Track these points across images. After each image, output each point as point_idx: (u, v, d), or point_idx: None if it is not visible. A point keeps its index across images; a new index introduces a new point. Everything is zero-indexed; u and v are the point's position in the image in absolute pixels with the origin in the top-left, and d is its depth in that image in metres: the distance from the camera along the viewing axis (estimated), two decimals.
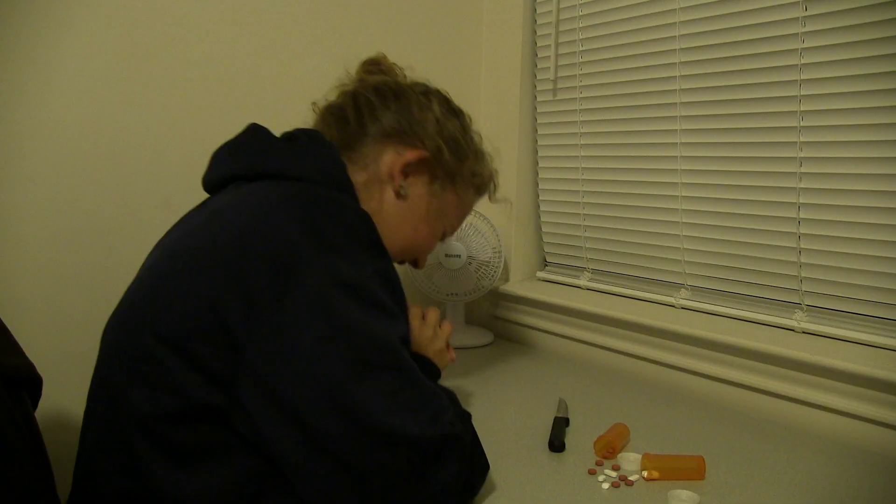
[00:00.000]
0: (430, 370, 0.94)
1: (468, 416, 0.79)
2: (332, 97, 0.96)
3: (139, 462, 0.70)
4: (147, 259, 0.82)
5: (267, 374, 0.66)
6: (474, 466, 0.76)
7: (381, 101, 0.91)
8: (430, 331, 1.01)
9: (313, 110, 0.97)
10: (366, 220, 0.75)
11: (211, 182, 0.86)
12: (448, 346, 1.04)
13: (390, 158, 0.89)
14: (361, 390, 0.67)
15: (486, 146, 1.01)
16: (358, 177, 0.89)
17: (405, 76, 0.98)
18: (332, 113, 0.93)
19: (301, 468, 0.67)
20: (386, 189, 0.90)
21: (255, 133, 0.87)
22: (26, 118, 1.09)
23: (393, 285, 0.75)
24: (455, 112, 0.97)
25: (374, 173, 0.90)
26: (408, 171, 0.90)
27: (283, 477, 0.69)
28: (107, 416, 0.74)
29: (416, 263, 1.02)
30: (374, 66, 0.98)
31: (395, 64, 0.98)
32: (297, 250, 0.68)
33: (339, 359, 0.67)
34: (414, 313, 1.03)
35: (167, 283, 0.73)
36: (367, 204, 0.88)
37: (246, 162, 0.82)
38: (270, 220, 0.70)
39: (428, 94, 0.94)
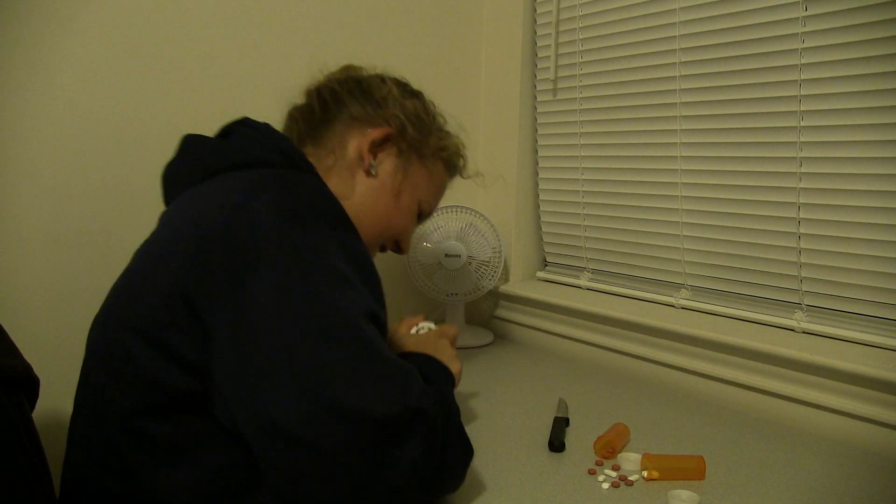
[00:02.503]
0: (440, 373, 0.89)
1: (442, 395, 0.74)
2: (300, 100, 0.98)
3: (122, 460, 0.70)
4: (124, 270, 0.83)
5: (233, 353, 0.66)
6: (447, 447, 0.71)
7: (345, 90, 0.94)
8: (439, 342, 0.99)
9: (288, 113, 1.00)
10: (327, 195, 0.76)
11: (171, 201, 0.86)
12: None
13: (356, 140, 0.92)
14: (317, 360, 0.64)
15: (451, 126, 1.03)
16: (324, 162, 0.91)
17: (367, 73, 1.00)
18: (299, 110, 0.97)
19: (261, 448, 0.65)
20: (356, 171, 0.92)
21: (192, 142, 0.87)
22: (27, 118, 1.09)
23: (358, 258, 0.74)
24: (413, 93, 1.00)
25: (341, 157, 0.92)
26: (375, 149, 0.93)
27: None
28: (90, 416, 0.75)
29: (398, 247, 1.02)
30: (342, 71, 1.00)
31: (362, 67, 1.01)
32: (257, 228, 0.68)
33: (298, 330, 0.65)
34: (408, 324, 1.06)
35: (138, 278, 0.75)
36: (336, 188, 0.88)
37: (196, 168, 0.82)
38: (229, 203, 0.71)
39: (384, 78, 0.97)
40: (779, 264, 1.14)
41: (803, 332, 1.12)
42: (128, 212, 1.17)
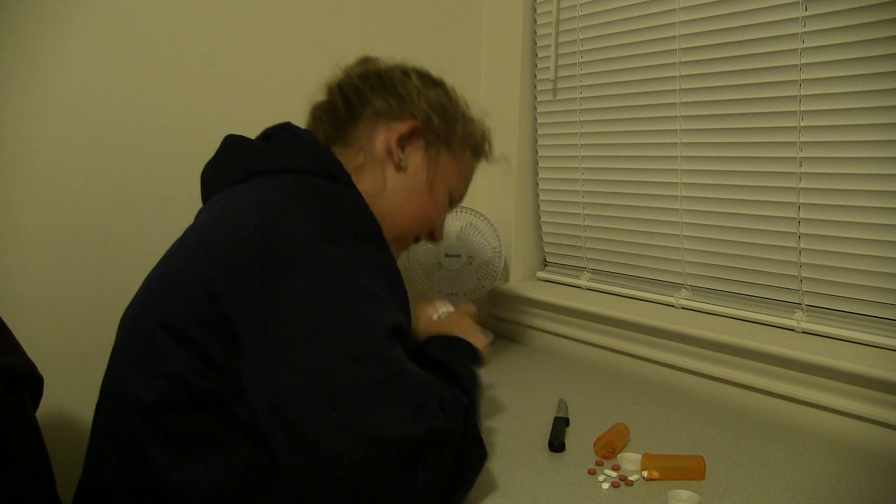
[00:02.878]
0: (466, 353, 0.92)
1: (458, 401, 0.74)
2: (320, 96, 0.98)
3: (144, 453, 0.71)
4: (158, 263, 0.85)
5: (262, 361, 0.67)
6: (462, 459, 0.72)
7: (367, 86, 0.93)
8: (464, 320, 1.01)
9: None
10: (363, 210, 0.77)
11: (208, 198, 0.87)
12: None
13: (383, 136, 0.91)
14: (345, 379, 0.66)
15: (475, 111, 1.02)
16: (354, 161, 0.91)
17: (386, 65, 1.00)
18: (322, 108, 0.96)
19: (284, 455, 0.67)
20: (386, 167, 0.92)
21: (233, 142, 0.89)
22: (27, 118, 1.09)
23: (390, 276, 0.75)
24: (435, 82, 0.99)
25: (370, 154, 0.91)
26: (403, 142, 0.92)
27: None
28: (114, 409, 0.77)
29: (432, 236, 1.03)
30: (361, 65, 0.99)
31: (379, 59, 1.00)
32: (294, 240, 0.70)
33: (327, 348, 0.67)
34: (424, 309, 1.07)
35: (171, 275, 0.76)
36: (369, 186, 0.89)
37: (236, 169, 0.83)
38: (268, 212, 0.72)
39: (406, 70, 0.96)
40: (779, 264, 1.14)
41: (803, 332, 1.12)
42: (129, 211, 1.17)
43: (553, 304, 1.45)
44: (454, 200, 1.02)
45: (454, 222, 1.46)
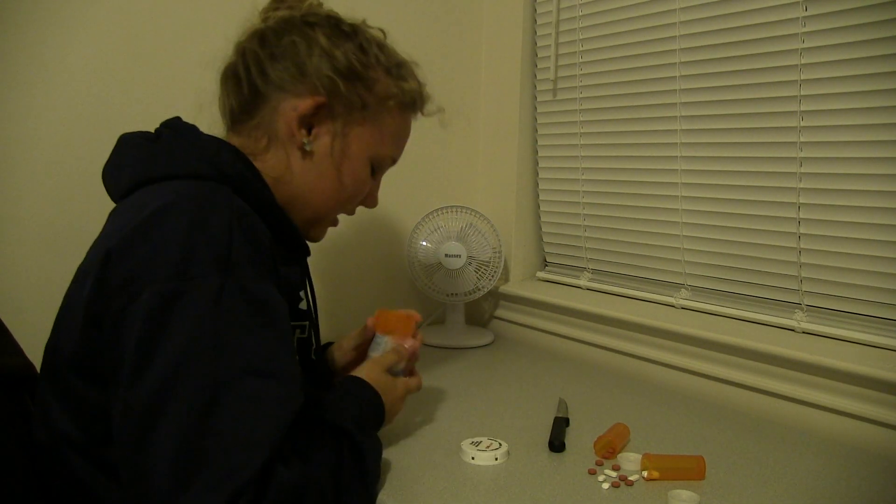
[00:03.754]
0: (369, 414, 0.86)
1: (293, 485, 0.64)
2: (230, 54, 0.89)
3: (83, 482, 0.71)
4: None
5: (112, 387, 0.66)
6: None
7: (265, 51, 0.84)
8: (388, 377, 0.93)
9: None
10: (237, 225, 0.69)
11: (115, 200, 0.84)
12: (413, 372, 1.00)
13: (286, 115, 0.83)
14: (154, 429, 0.61)
15: (406, 56, 0.92)
16: (259, 144, 0.84)
17: (311, 5, 0.89)
18: (227, 75, 0.88)
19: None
20: (290, 149, 0.84)
21: (123, 144, 0.83)
22: (27, 119, 1.09)
23: (257, 304, 0.68)
24: (346, 34, 0.86)
25: (273, 136, 0.84)
26: (306, 122, 0.83)
27: None
28: (47, 440, 0.74)
29: (366, 205, 0.95)
30: (280, 1, 0.89)
31: (311, 2, 0.89)
32: (149, 261, 0.66)
33: (147, 385, 0.62)
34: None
35: (65, 307, 0.76)
36: (274, 170, 0.83)
37: (125, 178, 0.79)
38: (135, 225, 0.68)
39: (313, 24, 0.85)
40: (779, 264, 1.14)
41: (803, 332, 1.12)
42: None
43: (553, 304, 1.45)
44: (382, 166, 0.93)
45: (454, 222, 1.46)
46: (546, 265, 1.61)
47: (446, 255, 1.43)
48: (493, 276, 1.46)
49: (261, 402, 0.65)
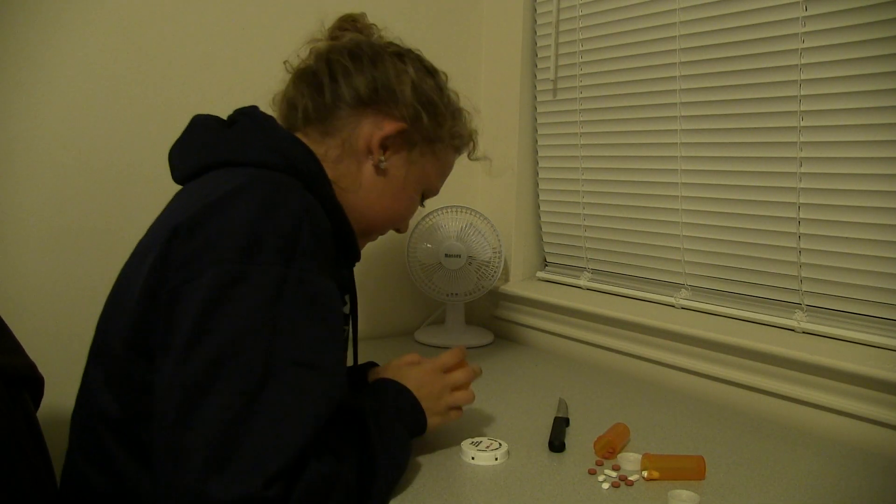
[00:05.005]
0: (405, 425, 0.84)
1: (324, 477, 0.65)
2: (304, 55, 0.91)
3: (115, 463, 0.71)
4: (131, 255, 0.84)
5: (160, 362, 0.66)
6: None
7: (356, 66, 0.87)
8: (438, 386, 0.91)
9: (286, 69, 0.93)
10: (311, 220, 0.70)
11: (178, 180, 0.85)
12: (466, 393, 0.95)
13: (367, 131, 0.86)
14: (193, 411, 0.61)
15: (464, 103, 0.97)
16: (332, 152, 0.86)
17: (381, 36, 0.94)
18: (305, 78, 0.89)
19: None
20: (364, 164, 0.87)
21: (199, 126, 0.85)
22: (27, 119, 1.09)
23: (313, 297, 0.69)
24: (430, 71, 0.93)
25: (349, 148, 0.86)
26: (387, 143, 0.87)
27: None
28: (86, 418, 0.76)
29: (398, 230, 1.00)
30: (350, 23, 0.93)
31: (373, 24, 0.94)
32: (212, 242, 0.66)
33: (196, 364, 0.62)
34: (429, 362, 0.96)
35: (125, 278, 0.76)
36: (343, 180, 0.85)
37: (197, 157, 0.80)
38: (203, 204, 0.69)
39: (402, 55, 0.90)
40: (779, 264, 1.14)
41: (803, 332, 1.12)
42: (129, 209, 1.17)
43: (553, 304, 1.45)
44: (427, 196, 0.99)
45: (454, 222, 1.46)
46: (546, 265, 1.61)
47: (446, 255, 1.43)
48: (493, 276, 1.46)
49: (304, 394, 0.65)
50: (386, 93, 0.86)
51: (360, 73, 0.86)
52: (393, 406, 0.85)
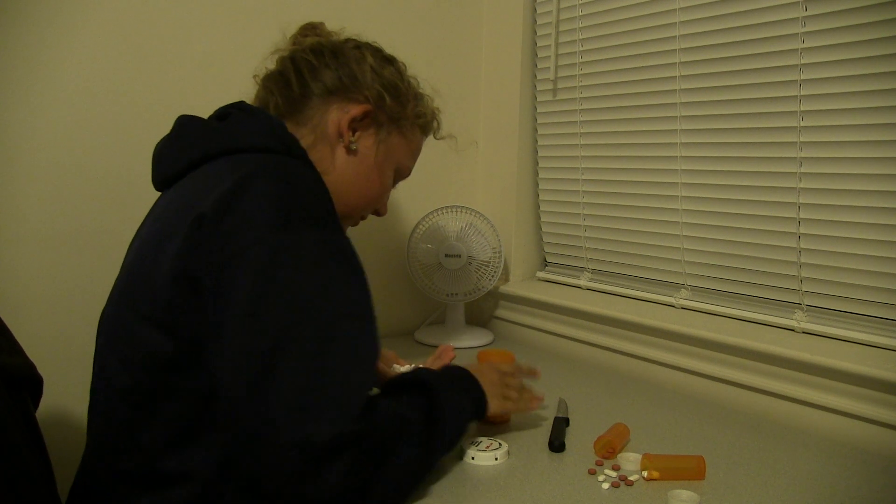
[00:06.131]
0: (465, 403, 0.88)
1: (400, 416, 0.75)
2: (271, 65, 0.98)
3: (135, 441, 0.73)
4: (127, 252, 0.88)
5: (213, 338, 0.70)
6: (381, 465, 0.70)
7: (320, 61, 0.93)
8: (496, 376, 0.96)
9: (255, 82, 0.99)
10: (321, 190, 0.78)
11: (162, 181, 0.88)
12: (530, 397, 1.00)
13: (336, 116, 0.92)
14: (270, 372, 0.66)
15: (425, 88, 1.03)
16: (306, 140, 0.91)
17: (339, 37, 0.99)
18: (273, 80, 0.95)
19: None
20: (336, 147, 0.92)
21: (187, 123, 0.88)
22: (27, 119, 1.09)
23: (342, 253, 0.76)
24: (389, 59, 0.99)
25: (321, 134, 0.92)
26: (355, 125, 0.93)
27: None
28: (105, 403, 0.78)
29: (377, 212, 1.04)
30: (311, 30, 1.00)
31: (332, 31, 1.00)
32: (248, 222, 0.71)
33: (263, 331, 0.68)
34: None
35: (141, 265, 0.77)
36: (318, 165, 0.88)
37: (191, 149, 0.83)
38: (225, 190, 0.72)
39: (360, 47, 0.96)
40: (779, 264, 1.14)
41: (803, 332, 1.12)
42: (129, 210, 1.16)
43: (553, 304, 1.45)
44: (400, 177, 1.03)
45: (454, 222, 1.46)
46: (546, 265, 1.61)
47: (446, 255, 1.43)
48: (493, 276, 1.46)
49: (360, 341, 0.73)
50: (350, 80, 0.92)
51: (325, 67, 0.93)
52: (458, 382, 0.90)
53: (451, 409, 0.83)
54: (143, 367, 0.73)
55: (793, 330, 1.13)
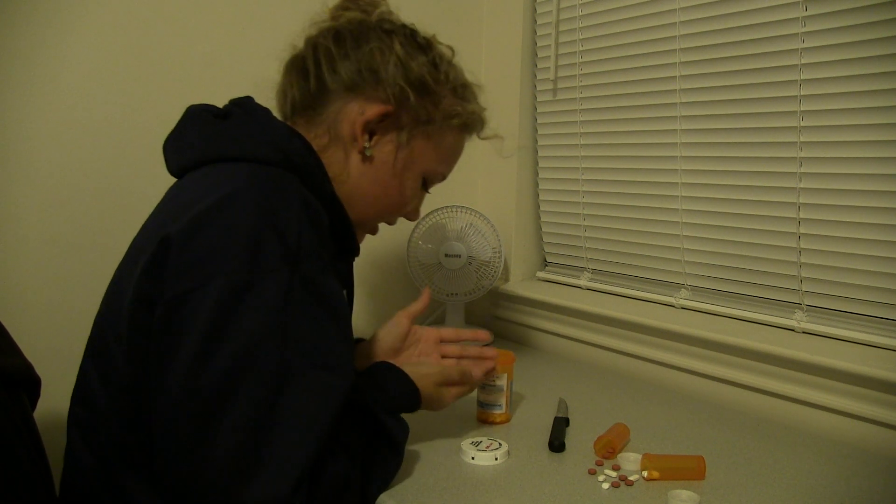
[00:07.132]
0: (400, 399, 0.86)
1: (341, 478, 0.69)
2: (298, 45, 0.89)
3: (112, 474, 0.72)
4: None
5: (156, 373, 0.66)
6: None
7: (340, 50, 0.83)
8: (439, 377, 0.92)
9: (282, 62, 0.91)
10: (309, 217, 0.70)
11: (173, 172, 0.83)
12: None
13: (351, 117, 0.83)
14: (212, 422, 0.62)
15: (472, 78, 0.92)
16: (320, 141, 0.84)
17: (384, 12, 0.89)
18: (295, 65, 0.87)
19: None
20: (351, 152, 0.84)
21: (190, 118, 0.83)
22: (27, 119, 1.09)
23: (322, 297, 0.69)
24: (421, 47, 0.87)
25: (335, 136, 0.84)
26: (371, 128, 0.84)
27: None
28: (82, 415, 0.77)
29: (407, 217, 0.95)
30: (353, 2, 0.89)
31: (378, 1, 0.90)
32: (214, 249, 0.66)
33: (208, 374, 0.62)
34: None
35: (118, 281, 0.75)
36: (331, 169, 0.82)
37: (188, 153, 0.79)
38: (198, 210, 0.67)
39: (390, 32, 0.85)
40: (779, 264, 1.14)
41: (803, 332, 1.12)
42: (128, 213, 1.16)
43: (553, 304, 1.44)
44: (433, 181, 0.93)
45: (454, 222, 1.46)
46: (546, 265, 1.61)
47: (446, 255, 1.43)
48: (493, 276, 1.46)
49: (320, 395, 0.66)
50: (369, 74, 0.83)
51: (344, 58, 0.83)
52: (392, 390, 0.86)
53: (390, 450, 0.80)
54: (115, 387, 0.71)
55: (793, 330, 1.13)
